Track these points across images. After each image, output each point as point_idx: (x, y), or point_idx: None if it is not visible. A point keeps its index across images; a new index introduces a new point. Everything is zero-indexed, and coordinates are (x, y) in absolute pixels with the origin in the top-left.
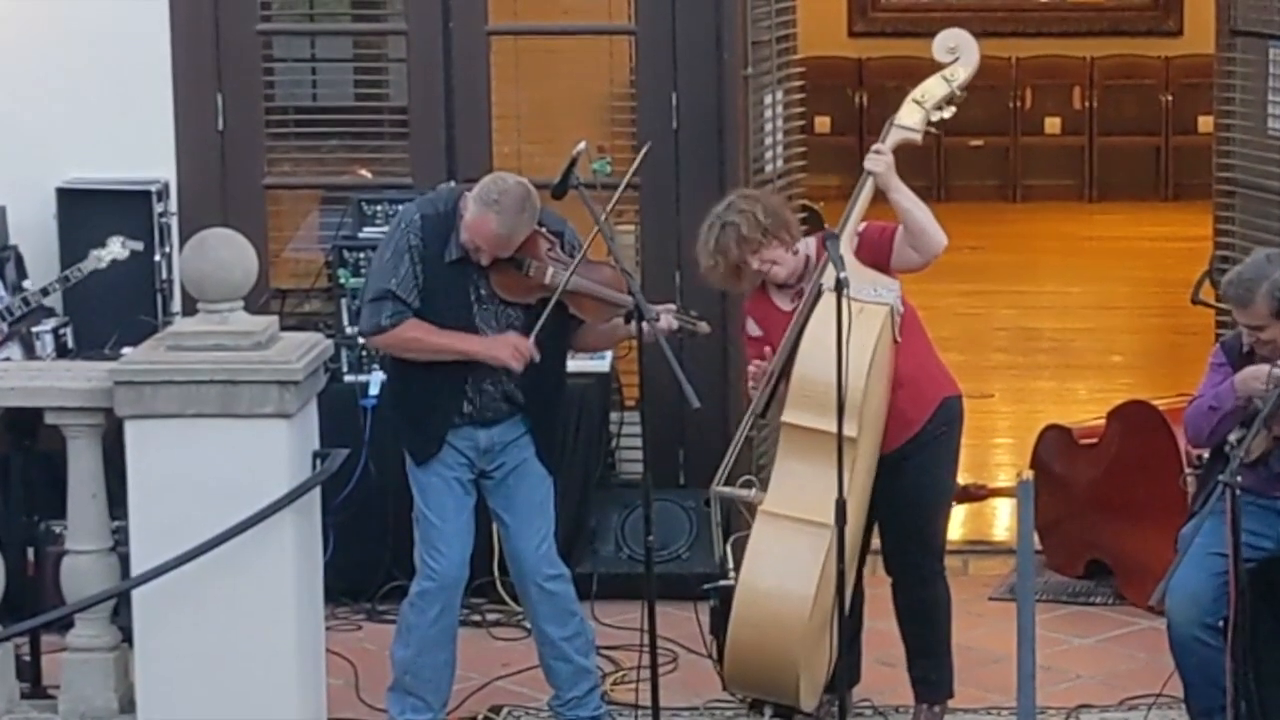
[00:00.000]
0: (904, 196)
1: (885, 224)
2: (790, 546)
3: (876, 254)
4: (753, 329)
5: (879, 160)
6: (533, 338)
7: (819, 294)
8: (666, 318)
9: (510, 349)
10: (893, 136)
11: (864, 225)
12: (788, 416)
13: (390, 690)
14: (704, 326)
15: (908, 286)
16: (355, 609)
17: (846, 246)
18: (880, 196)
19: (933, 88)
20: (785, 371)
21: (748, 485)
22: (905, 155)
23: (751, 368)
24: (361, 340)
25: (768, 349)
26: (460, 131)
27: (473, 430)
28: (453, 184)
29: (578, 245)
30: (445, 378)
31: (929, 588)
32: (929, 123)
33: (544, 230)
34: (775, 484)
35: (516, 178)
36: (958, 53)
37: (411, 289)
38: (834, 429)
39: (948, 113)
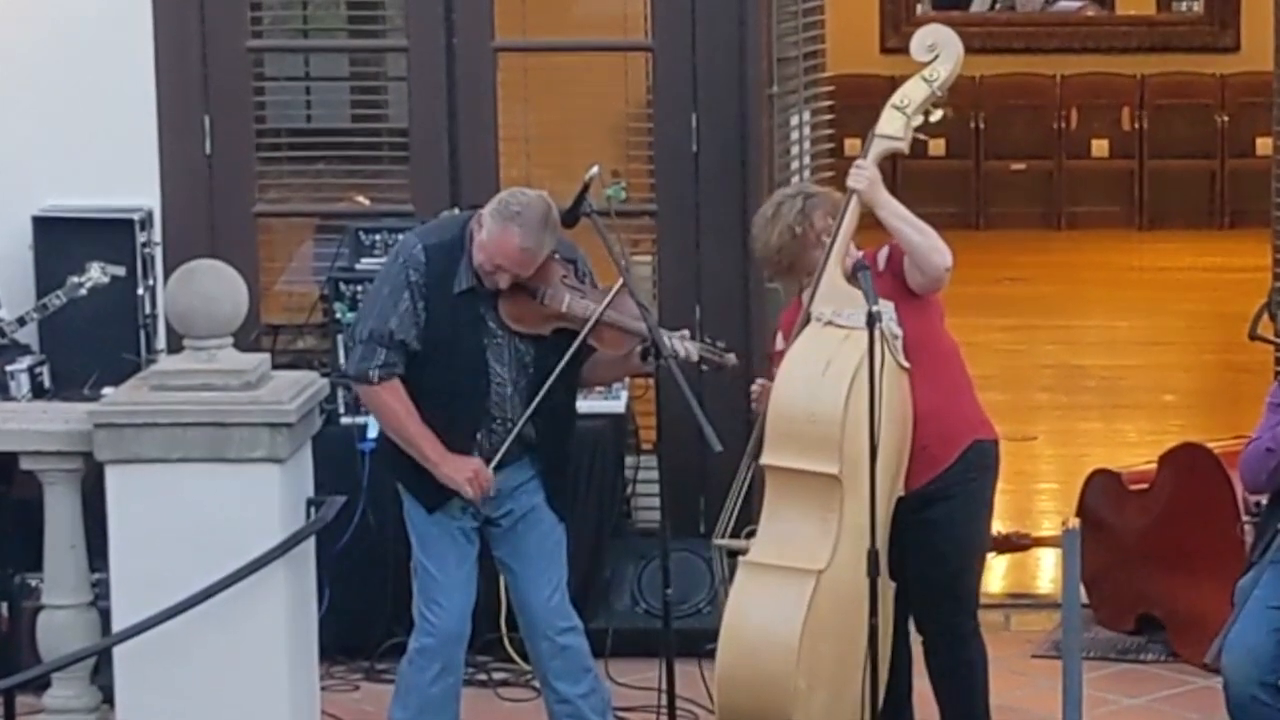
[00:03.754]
0: (891, 213)
1: None
2: (771, 596)
3: (896, 274)
4: (779, 343)
5: (860, 175)
6: (492, 466)
7: (807, 321)
8: (686, 345)
9: (470, 475)
10: (875, 148)
11: (896, 241)
12: (766, 458)
13: None
14: (731, 359)
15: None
16: (352, 667)
17: (834, 268)
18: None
19: (912, 91)
20: None
21: (751, 535)
22: (941, 181)
23: (755, 386)
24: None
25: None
26: (465, 155)
27: None
28: (456, 211)
29: (590, 274)
30: (454, 420)
31: (963, 647)
32: (914, 129)
33: (557, 256)
34: (761, 533)
35: (536, 191)
36: (937, 50)
37: (411, 328)
38: (814, 468)
39: (934, 116)
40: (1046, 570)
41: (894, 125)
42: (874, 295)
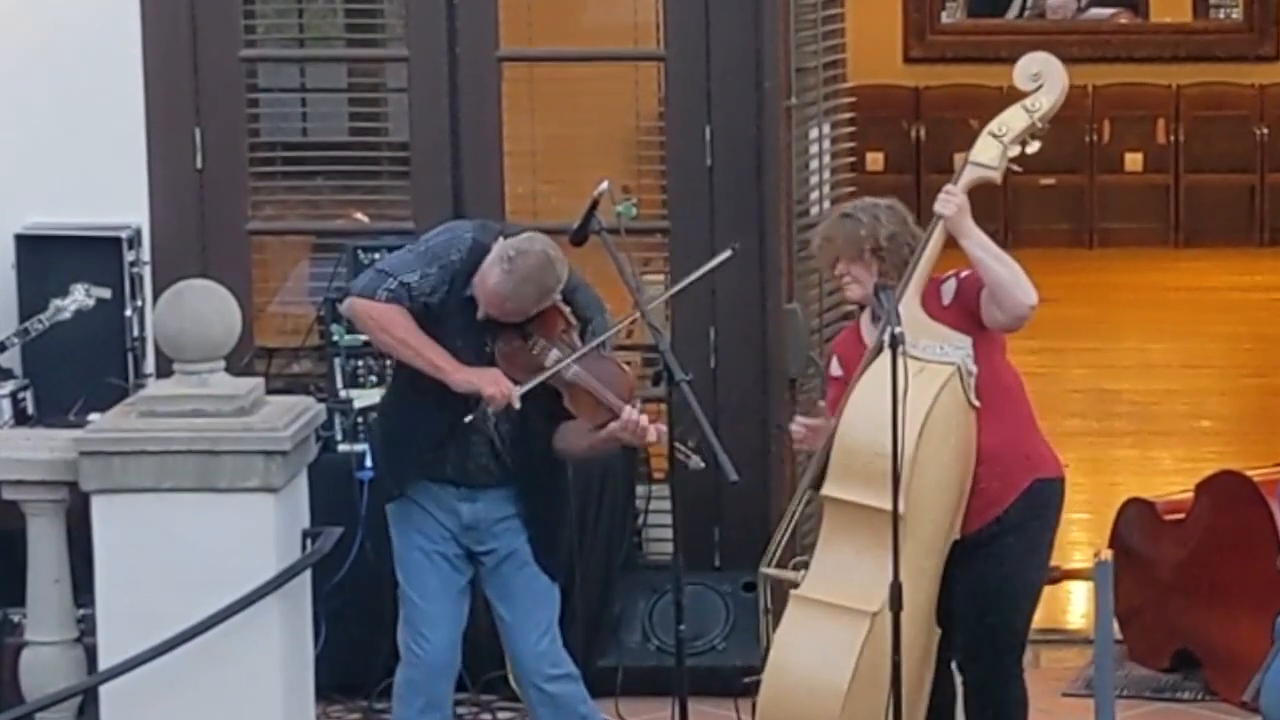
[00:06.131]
0: (977, 245)
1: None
2: (822, 635)
3: (967, 306)
4: (834, 368)
5: (949, 202)
6: (520, 390)
7: (879, 351)
8: (655, 428)
9: (492, 379)
10: (967, 175)
11: (966, 273)
12: (828, 489)
13: None
14: (696, 462)
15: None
16: (350, 706)
17: (913, 297)
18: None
19: (1012, 119)
20: None
21: (800, 567)
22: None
23: (794, 426)
24: (344, 302)
25: (823, 402)
26: (468, 170)
27: (455, 502)
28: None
29: (600, 334)
30: (430, 422)
31: (1003, 689)
32: (1009, 159)
33: (568, 311)
34: (814, 565)
35: (548, 246)
36: (1041, 79)
37: (425, 295)
38: (878, 504)
39: (1031, 148)
40: (1078, 604)
41: (989, 153)
42: (897, 316)
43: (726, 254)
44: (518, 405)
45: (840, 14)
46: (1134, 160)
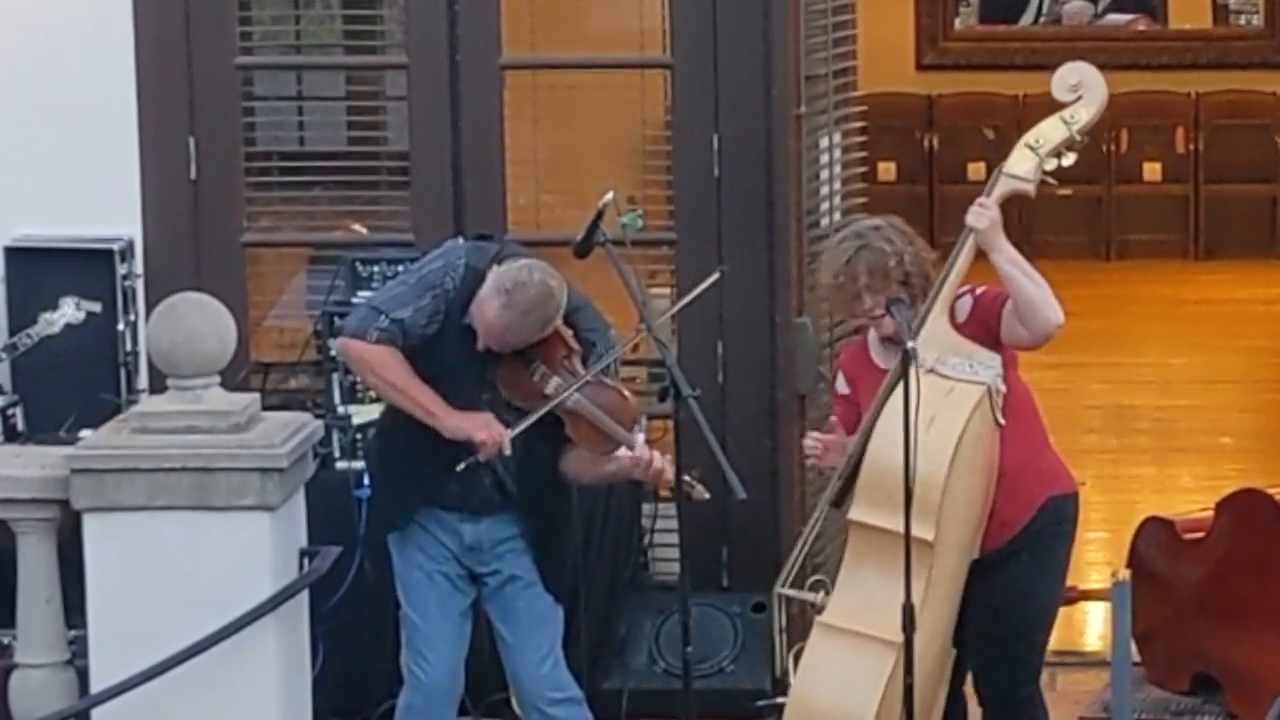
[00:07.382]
0: (1008, 260)
1: (1000, 290)
2: (848, 665)
3: (985, 324)
4: (841, 386)
5: (982, 215)
6: (512, 434)
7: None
8: (659, 458)
9: (483, 424)
10: (1001, 187)
11: (981, 290)
12: (855, 513)
13: None
14: (701, 492)
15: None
16: None
17: (941, 313)
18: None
19: (1049, 131)
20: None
21: (818, 587)
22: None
23: (808, 441)
24: (336, 342)
25: (834, 418)
26: (469, 180)
27: (456, 522)
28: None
29: (604, 356)
30: (435, 450)
31: (1022, 712)
32: (1044, 172)
33: (569, 335)
34: (839, 591)
35: (547, 275)
36: (1080, 90)
37: (421, 325)
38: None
39: (1067, 160)
40: (1095, 625)
41: (1024, 165)
42: (911, 330)
43: (715, 276)
44: (508, 451)
45: (851, 20)
46: (1152, 170)
